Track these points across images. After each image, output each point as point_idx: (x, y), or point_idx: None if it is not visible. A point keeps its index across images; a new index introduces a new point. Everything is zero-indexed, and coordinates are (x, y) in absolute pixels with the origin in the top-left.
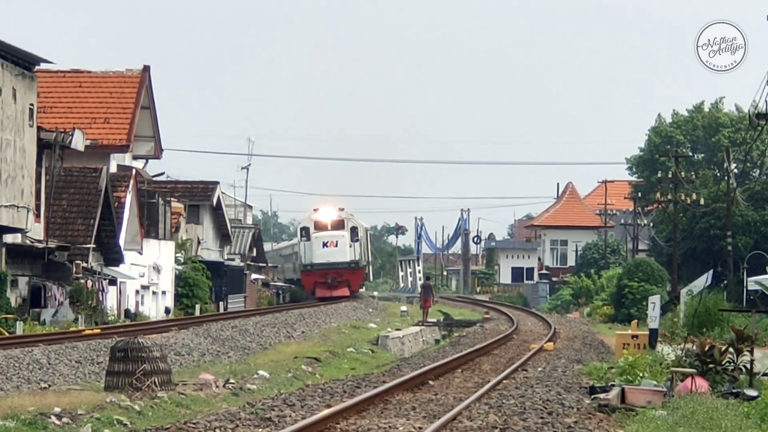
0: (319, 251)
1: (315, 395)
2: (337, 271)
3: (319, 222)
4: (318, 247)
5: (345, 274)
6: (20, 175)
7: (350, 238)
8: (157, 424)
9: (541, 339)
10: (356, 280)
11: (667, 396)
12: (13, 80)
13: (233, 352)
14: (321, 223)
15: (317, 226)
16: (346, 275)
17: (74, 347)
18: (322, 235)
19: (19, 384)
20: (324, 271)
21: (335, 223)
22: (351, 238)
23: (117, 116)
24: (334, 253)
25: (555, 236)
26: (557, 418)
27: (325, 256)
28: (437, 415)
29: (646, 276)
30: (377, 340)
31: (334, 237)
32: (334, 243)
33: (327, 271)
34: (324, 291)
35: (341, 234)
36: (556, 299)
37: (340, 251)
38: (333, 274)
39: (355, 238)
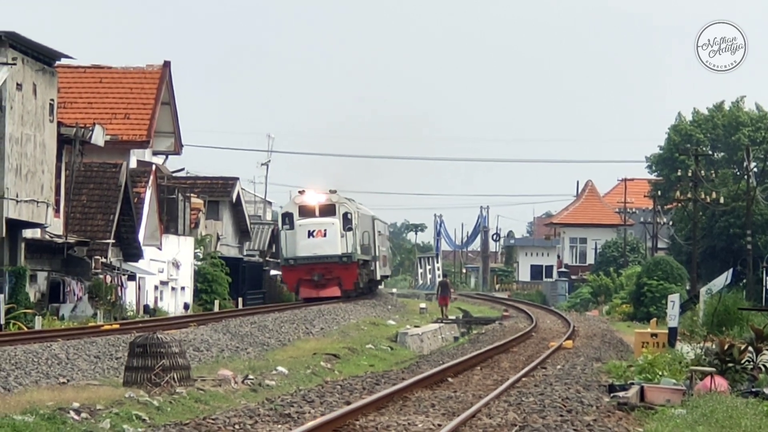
0: (304, 242)
1: (334, 392)
2: (326, 266)
3: (305, 206)
4: (302, 237)
5: (335, 270)
6: (40, 171)
7: (342, 226)
8: (175, 419)
9: (561, 337)
10: (349, 277)
11: (687, 395)
12: (34, 75)
13: (252, 348)
14: (307, 207)
15: (302, 212)
16: (337, 271)
17: (93, 342)
18: (307, 222)
19: (37, 379)
20: (310, 266)
21: (324, 208)
22: (343, 226)
23: (137, 112)
24: (322, 245)
25: (574, 234)
26: (576, 416)
27: (311, 248)
28: (456, 412)
29: (665, 274)
30: (396, 337)
31: (322, 225)
32: (321, 232)
33: (313, 267)
34: (309, 290)
35: (331, 221)
36: (575, 297)
37: (329, 242)
38: (320, 270)
39: (348, 226)
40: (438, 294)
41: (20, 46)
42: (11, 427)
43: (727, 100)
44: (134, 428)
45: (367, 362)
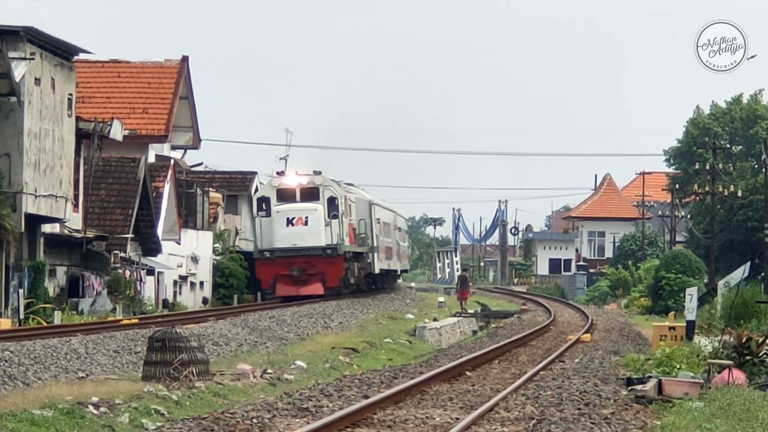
0: (282, 231)
1: (352, 385)
2: (307, 259)
3: (284, 190)
4: (280, 226)
5: (318, 264)
6: (59, 165)
7: (327, 212)
8: (194, 413)
9: (579, 330)
10: (334, 272)
11: (704, 388)
12: (52, 70)
13: (270, 343)
14: (286, 191)
15: (281, 196)
16: (320, 265)
17: (112, 337)
18: (286, 208)
19: (57, 373)
20: (288, 259)
21: (306, 192)
22: (328, 212)
23: (155, 106)
24: (303, 234)
25: (592, 228)
26: (594, 409)
27: (290, 239)
28: (474, 405)
29: (683, 268)
30: (414, 331)
31: (303, 211)
32: (302, 220)
33: (292, 260)
34: (288, 287)
35: (313, 207)
36: (594, 291)
37: (310, 231)
38: (301, 264)
39: (334, 213)
40: (458, 288)
41: (38, 40)
42: (30, 422)
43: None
44: (153, 422)
45: (385, 356)
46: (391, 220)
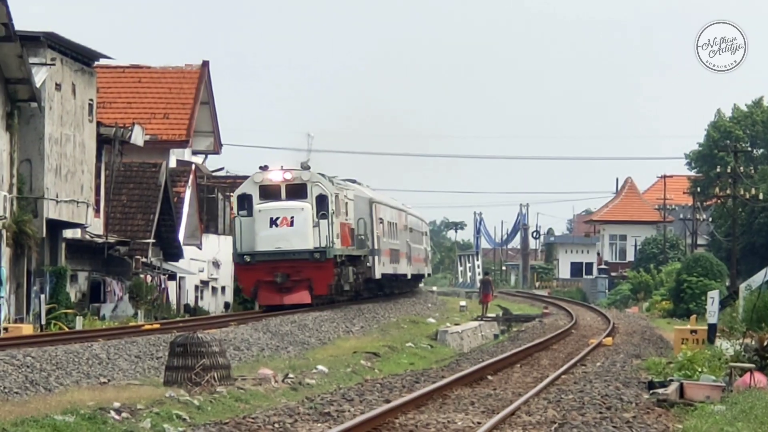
0: (265, 233)
1: (374, 390)
2: (293, 264)
3: (268, 186)
4: (263, 227)
5: (305, 270)
6: (80, 171)
7: (315, 212)
8: (216, 418)
9: (600, 334)
10: (322, 278)
11: (726, 391)
12: (73, 76)
13: (292, 347)
14: (270, 187)
15: (264, 193)
16: (307, 271)
17: (134, 342)
18: (269, 207)
19: (78, 379)
20: (271, 264)
21: (292, 188)
22: (317, 212)
23: (176, 112)
24: (288, 236)
25: (614, 231)
26: (616, 413)
27: (274, 241)
28: (496, 409)
29: (705, 271)
30: (436, 335)
31: (289, 210)
32: (287, 220)
33: (276, 265)
34: (271, 295)
35: (299, 206)
36: (615, 294)
37: (296, 233)
38: (285, 270)
39: (323, 212)
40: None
41: (59, 46)
42: (52, 427)
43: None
44: (175, 428)
45: (407, 360)
46: (400, 219)
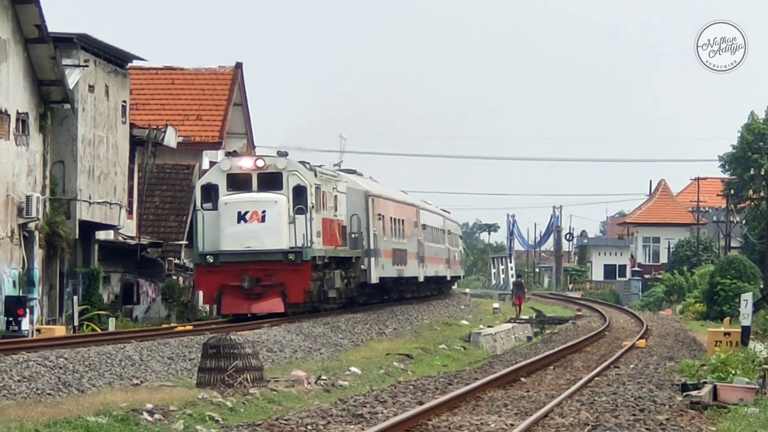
0: (231, 229)
1: (407, 392)
2: (264, 266)
3: (237, 175)
4: (229, 222)
5: (277, 274)
6: (113, 172)
7: (292, 206)
8: (249, 420)
9: (633, 336)
10: (298, 283)
11: (760, 393)
12: (106, 77)
13: (325, 349)
14: (239, 176)
15: (232, 183)
16: (280, 275)
17: (166, 344)
18: (237, 199)
19: (111, 380)
20: (238, 266)
21: (265, 178)
22: (293, 206)
23: (209, 113)
24: (258, 234)
25: (647, 233)
26: (649, 416)
27: (242, 239)
28: (529, 411)
29: (738, 273)
30: (469, 337)
31: (259, 203)
32: (258, 215)
33: (244, 267)
34: (237, 303)
35: (272, 198)
36: (649, 296)
37: (268, 230)
38: (255, 273)
39: (300, 207)
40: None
41: (92, 48)
42: (85, 429)
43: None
44: (207, 429)
45: (440, 362)
46: (410, 216)
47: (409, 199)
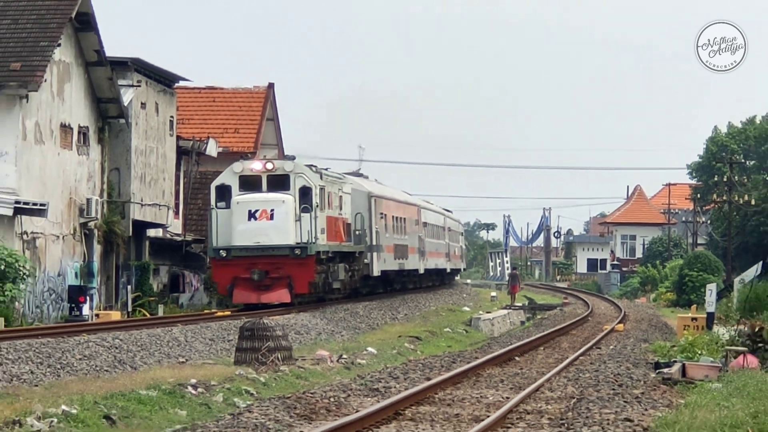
0: (243, 226)
1: (416, 369)
2: (272, 260)
3: (248, 176)
4: (241, 220)
5: (284, 267)
6: (162, 178)
7: (298, 205)
8: (279, 393)
9: (613, 321)
10: (304, 276)
11: (722, 371)
12: (156, 96)
13: (345, 332)
14: (250, 178)
15: (244, 184)
16: (287, 268)
17: (208, 327)
18: (248, 199)
19: (160, 359)
20: (248, 260)
21: (273, 179)
22: (300, 205)
23: (245, 127)
24: (267, 231)
25: (625, 232)
26: (626, 390)
27: (252, 236)
28: (522, 386)
29: (704, 266)
30: (470, 322)
31: (269, 203)
32: (267, 213)
33: (254, 261)
34: (247, 293)
35: (280, 198)
36: (626, 286)
37: (276, 227)
38: (263, 266)
39: (306, 206)
40: (509, 284)
41: (144, 70)
42: (137, 401)
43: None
44: (244, 401)
45: (445, 343)
46: (412, 215)
47: (411, 199)
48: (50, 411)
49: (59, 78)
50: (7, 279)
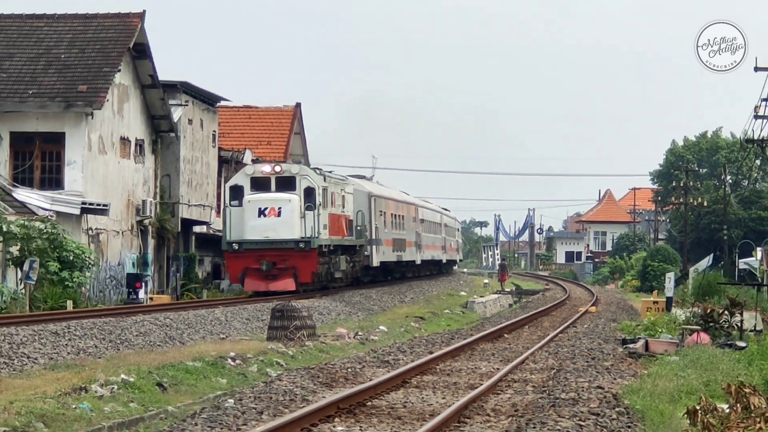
0: (253, 222)
1: (420, 344)
2: (279, 253)
3: (258, 178)
4: (251, 216)
5: (290, 259)
6: (205, 183)
7: (302, 204)
8: (305, 364)
9: (587, 304)
10: (307, 267)
11: (679, 346)
12: (201, 113)
13: (361, 313)
14: (260, 179)
15: (254, 185)
16: (292, 260)
17: (244, 308)
18: (258, 198)
19: (204, 335)
20: (258, 252)
21: (281, 180)
22: (304, 204)
23: (276, 139)
24: (275, 226)
25: (597, 229)
26: (598, 362)
27: (261, 231)
28: (510, 359)
29: (664, 258)
30: (466, 304)
31: (277, 201)
32: (275, 211)
33: (263, 253)
34: (257, 282)
35: (287, 198)
36: (598, 275)
37: (283, 223)
38: (271, 258)
39: (309, 204)
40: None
41: (191, 91)
42: (185, 370)
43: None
44: (275, 371)
45: (445, 323)
46: (410, 213)
47: (409, 199)
48: (111, 379)
49: (119, 98)
50: (75, 268)
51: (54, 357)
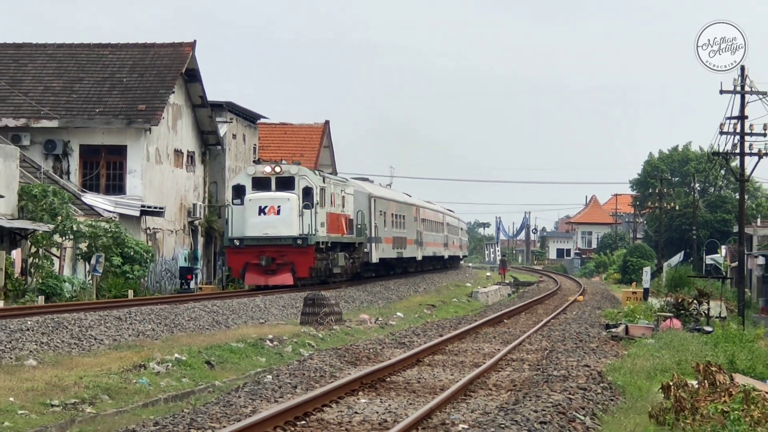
0: (254, 220)
1: (432, 328)
2: (278, 249)
3: (259, 178)
4: (252, 214)
5: (288, 254)
6: None
7: (300, 203)
8: (333, 345)
9: (575, 294)
10: (304, 262)
11: (655, 330)
12: (243, 129)
13: (381, 301)
14: (261, 179)
15: (255, 184)
16: (290, 255)
17: (281, 297)
18: (259, 197)
19: (246, 320)
20: (258, 248)
21: (281, 180)
22: (302, 202)
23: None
24: (274, 224)
25: (584, 229)
26: (585, 344)
27: (262, 228)
28: (509, 341)
29: (641, 254)
30: (471, 294)
31: (276, 200)
32: (274, 209)
33: (262, 249)
34: (257, 277)
35: (286, 197)
36: (585, 269)
37: (282, 221)
38: (271, 254)
39: (307, 203)
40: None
41: (235, 110)
42: (229, 350)
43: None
44: (307, 351)
45: (453, 310)
46: (411, 213)
47: (411, 200)
48: (166, 358)
49: (173, 116)
50: (135, 262)
51: (117, 338)
